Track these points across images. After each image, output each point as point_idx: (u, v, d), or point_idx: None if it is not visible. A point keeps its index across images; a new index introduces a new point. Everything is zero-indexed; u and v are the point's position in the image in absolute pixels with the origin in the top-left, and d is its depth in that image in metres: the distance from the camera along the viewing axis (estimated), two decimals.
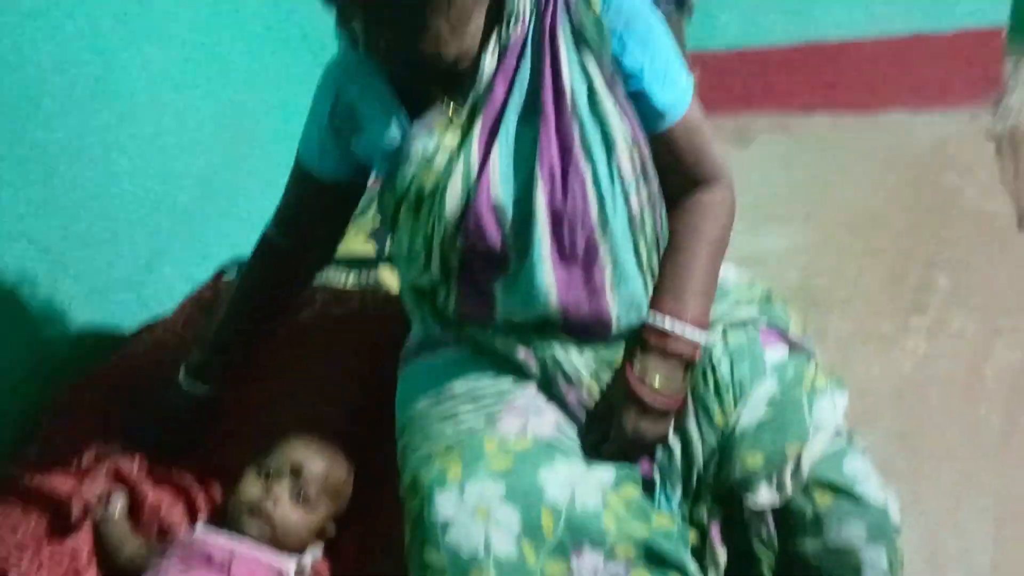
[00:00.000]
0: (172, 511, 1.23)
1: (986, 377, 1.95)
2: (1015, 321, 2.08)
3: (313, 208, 1.24)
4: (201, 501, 1.23)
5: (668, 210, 1.14)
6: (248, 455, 1.27)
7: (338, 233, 1.32)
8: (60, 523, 1.23)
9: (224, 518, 1.15)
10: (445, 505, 0.99)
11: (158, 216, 1.77)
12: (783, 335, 1.18)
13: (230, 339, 1.32)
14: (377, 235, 1.91)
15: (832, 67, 2.95)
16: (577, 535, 1.00)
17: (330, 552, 1.16)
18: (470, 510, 0.98)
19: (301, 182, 1.22)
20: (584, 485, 1.04)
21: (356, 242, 1.85)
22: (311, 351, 1.39)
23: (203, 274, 1.76)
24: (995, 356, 2.00)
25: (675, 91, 1.09)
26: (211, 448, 1.32)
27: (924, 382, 1.96)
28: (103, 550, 1.17)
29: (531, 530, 0.98)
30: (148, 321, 1.66)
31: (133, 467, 1.29)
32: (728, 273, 1.22)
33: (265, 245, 1.29)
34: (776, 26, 2.92)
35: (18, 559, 1.16)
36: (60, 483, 1.32)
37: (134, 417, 1.38)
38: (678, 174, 1.13)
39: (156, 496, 1.24)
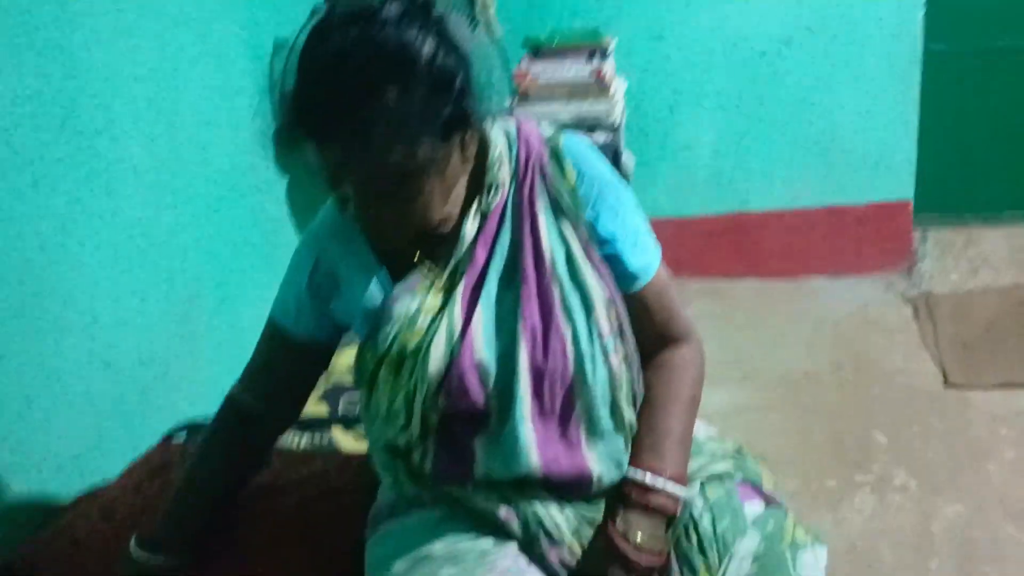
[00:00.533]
0: None
1: (934, 532, 1.99)
2: (954, 476, 2.15)
3: (285, 368, 1.23)
4: None
5: (642, 368, 1.17)
6: None
7: (306, 394, 1.30)
8: None
9: None
10: None
11: (103, 382, 1.72)
12: (757, 489, 1.19)
13: (192, 505, 1.25)
14: (329, 396, 1.90)
15: (757, 236, 3.13)
16: None
17: None
18: None
19: (274, 342, 1.21)
20: None
21: (308, 403, 1.82)
22: (274, 519, 1.33)
23: (147, 442, 1.69)
24: (940, 511, 2.05)
25: (646, 255, 1.15)
26: None
27: (874, 537, 1.99)
28: None
29: None
30: (85, 491, 1.58)
31: None
32: (699, 429, 1.24)
33: (232, 406, 1.25)
34: (705, 197, 3.11)
35: None
36: None
37: None
38: (650, 333, 1.17)
39: None
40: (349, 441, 1.74)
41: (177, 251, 1.96)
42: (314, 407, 1.84)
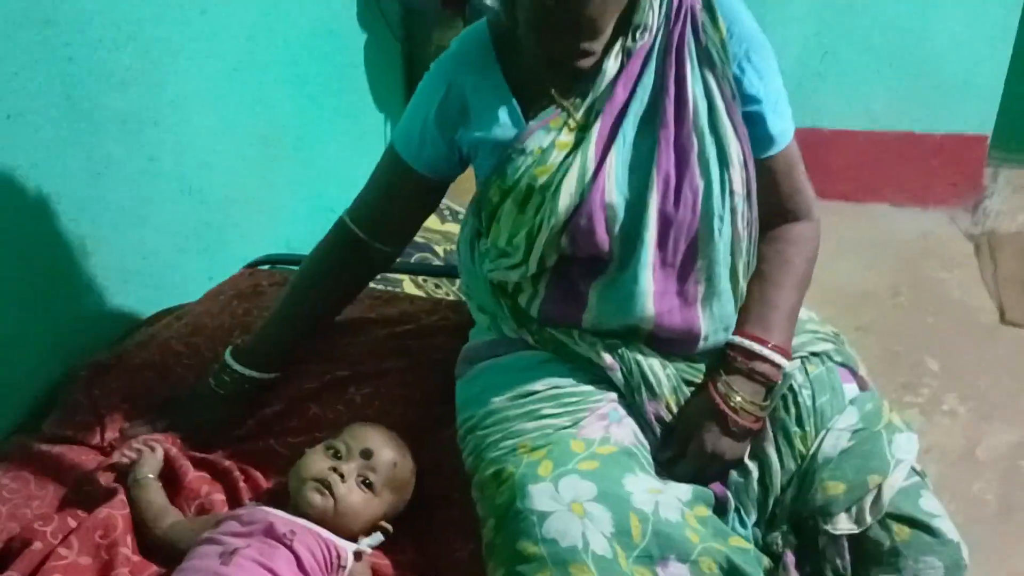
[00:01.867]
0: (212, 491, 1.16)
1: (979, 456, 2.01)
2: (1003, 406, 2.16)
3: (400, 200, 1.23)
4: (242, 485, 1.17)
5: (760, 239, 1.16)
6: (295, 442, 1.22)
7: (415, 229, 1.31)
8: (87, 494, 1.16)
9: (273, 503, 1.09)
10: (540, 498, 0.96)
11: (190, 204, 1.73)
12: (855, 373, 1.20)
13: (291, 324, 1.28)
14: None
15: (826, 155, 3.07)
16: (664, 546, 0.98)
17: (388, 548, 1.10)
18: (566, 505, 0.96)
19: (393, 171, 1.21)
20: (665, 497, 1.03)
21: None
22: (366, 344, 1.35)
23: (223, 271, 1.71)
24: (986, 438, 2.07)
25: (784, 121, 1.13)
26: (253, 434, 1.26)
27: (921, 457, 2.00)
28: (140, 520, 1.10)
29: (621, 533, 0.96)
30: (166, 308, 1.61)
31: (167, 445, 1.22)
32: (802, 311, 1.23)
33: (341, 231, 1.26)
34: None
35: (42, 531, 1.08)
36: (81, 456, 1.25)
37: (167, 397, 1.31)
38: (774, 203, 1.16)
39: (195, 475, 1.18)
40: (420, 295, 1.76)
41: (265, 92, 1.95)
42: None
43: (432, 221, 1.97)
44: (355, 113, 2.43)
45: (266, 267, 1.68)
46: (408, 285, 1.81)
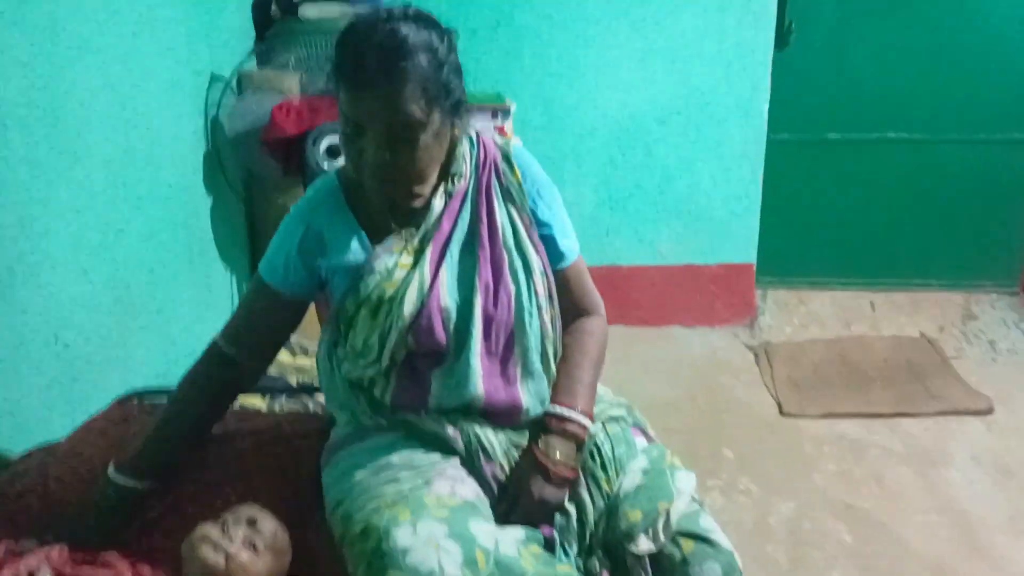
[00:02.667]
0: None
1: (771, 524, 2.37)
2: (787, 482, 2.56)
3: (267, 321, 1.45)
4: None
5: (562, 331, 1.48)
6: (176, 539, 1.37)
7: (278, 346, 1.52)
8: None
9: None
10: (402, 537, 1.18)
11: (55, 352, 1.86)
12: (644, 432, 1.51)
13: (170, 436, 1.44)
14: None
15: (626, 288, 3.55)
16: (504, 573, 1.21)
17: None
18: (423, 541, 1.18)
19: (260, 298, 1.44)
20: (503, 538, 1.27)
21: None
22: (233, 457, 1.53)
23: (85, 414, 1.83)
24: (776, 508, 2.43)
25: (571, 240, 1.48)
26: (136, 536, 1.40)
27: (724, 528, 2.31)
28: None
29: (469, 563, 1.18)
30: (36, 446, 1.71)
31: (55, 555, 1.33)
32: (600, 388, 1.55)
33: (214, 352, 1.46)
34: (583, 250, 3.50)
35: None
36: None
37: (52, 515, 1.42)
38: (569, 304, 1.49)
39: (89, 572, 1.29)
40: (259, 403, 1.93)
41: (121, 250, 2.15)
42: None
43: (285, 356, 2.19)
44: (204, 268, 2.63)
45: (135, 400, 1.82)
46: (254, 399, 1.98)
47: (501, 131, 2.91)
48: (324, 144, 2.58)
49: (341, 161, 2.38)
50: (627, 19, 3.29)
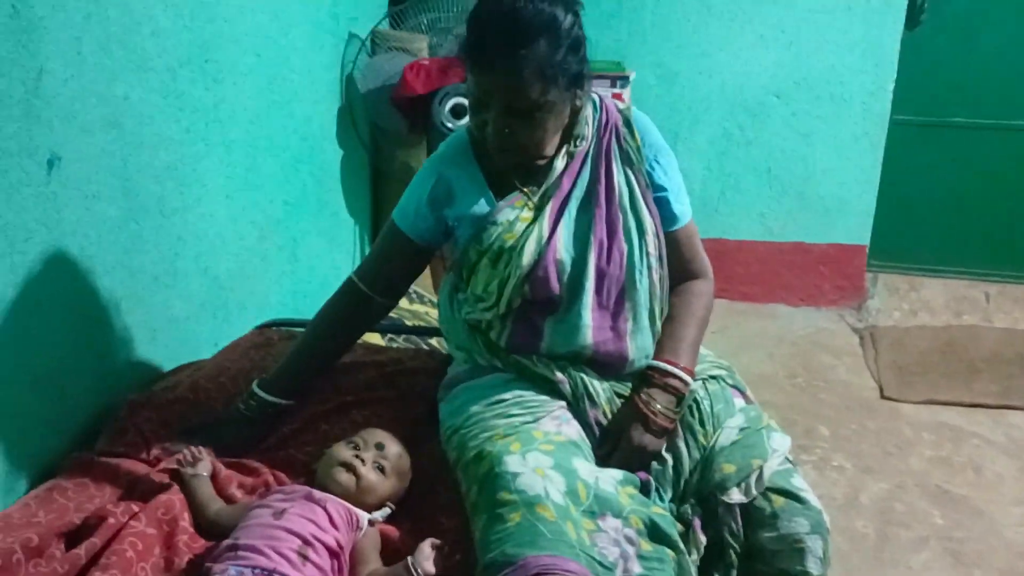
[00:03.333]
0: (244, 484, 1.46)
1: (861, 501, 2.40)
2: (881, 463, 2.57)
3: (397, 263, 1.59)
4: (270, 480, 1.47)
5: (670, 292, 1.56)
6: (309, 452, 1.53)
7: (406, 286, 1.66)
8: (142, 491, 1.42)
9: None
10: (513, 463, 1.30)
11: (204, 279, 2.06)
12: (742, 393, 1.59)
13: (308, 360, 1.61)
14: None
15: (732, 262, 3.57)
16: (602, 506, 1.31)
17: (390, 521, 1.41)
18: (531, 468, 1.29)
19: (392, 240, 1.58)
20: (603, 475, 1.37)
21: None
22: (361, 382, 1.69)
23: (226, 337, 2.03)
24: (867, 487, 2.46)
25: (684, 205, 1.56)
26: (274, 446, 1.57)
27: None
28: (193, 506, 1.38)
29: (572, 493, 1.29)
30: (185, 363, 1.91)
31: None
32: (703, 349, 1.62)
33: (349, 287, 1.61)
34: None
35: (113, 511, 1.35)
36: (132, 466, 1.52)
37: (199, 422, 1.61)
38: (678, 266, 1.57)
39: (228, 473, 1.47)
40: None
41: (262, 194, 2.34)
42: None
43: (402, 302, 2.34)
44: (331, 215, 2.82)
45: (273, 328, 2.00)
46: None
47: (619, 98, 2.96)
48: (449, 104, 2.71)
49: (465, 120, 2.50)
50: None
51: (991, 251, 3.57)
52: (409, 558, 1.25)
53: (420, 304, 2.47)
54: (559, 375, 1.48)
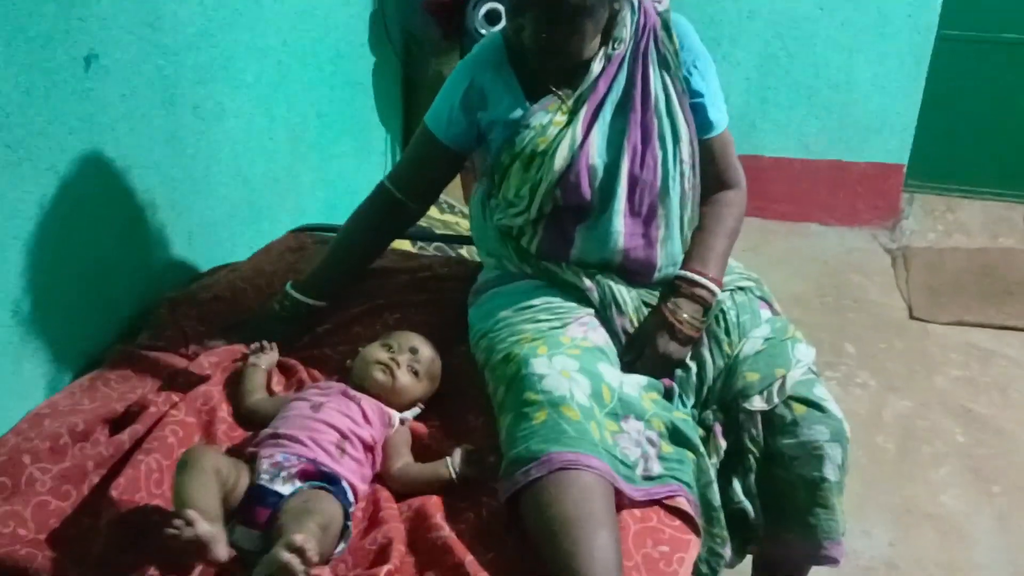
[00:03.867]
0: (281, 379, 1.51)
1: (884, 418, 2.42)
2: (907, 381, 2.59)
3: (429, 166, 1.60)
4: (305, 377, 1.52)
5: (701, 201, 1.56)
6: (342, 352, 1.57)
7: (437, 192, 1.67)
8: (182, 382, 1.48)
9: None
10: (539, 366, 1.33)
11: (238, 184, 2.09)
12: (769, 305, 1.59)
13: (342, 261, 1.64)
14: None
15: (766, 179, 3.53)
16: (626, 408, 1.34)
17: (422, 419, 1.46)
18: (557, 371, 1.32)
19: (425, 145, 1.58)
20: (628, 380, 1.40)
21: None
22: (392, 286, 1.72)
23: (260, 241, 2.06)
24: (890, 404, 2.48)
25: (721, 113, 1.53)
26: (307, 346, 1.61)
27: None
28: (237, 393, 1.43)
29: (596, 395, 1.32)
30: (221, 264, 1.95)
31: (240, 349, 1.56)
32: (732, 260, 1.63)
33: (381, 191, 1.63)
34: None
35: (154, 400, 1.41)
36: (172, 359, 1.58)
37: (236, 320, 1.65)
38: (711, 174, 1.56)
39: (268, 369, 1.52)
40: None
41: (294, 101, 2.34)
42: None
43: (433, 210, 2.36)
44: (362, 123, 2.82)
45: (307, 233, 2.03)
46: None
47: (658, 1, 2.89)
48: (484, 9, 2.66)
49: (500, 26, 2.46)
50: None
51: None
52: (448, 458, 1.30)
53: (451, 214, 2.48)
54: (588, 283, 1.50)
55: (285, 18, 2.22)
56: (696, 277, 1.50)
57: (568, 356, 1.36)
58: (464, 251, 2.23)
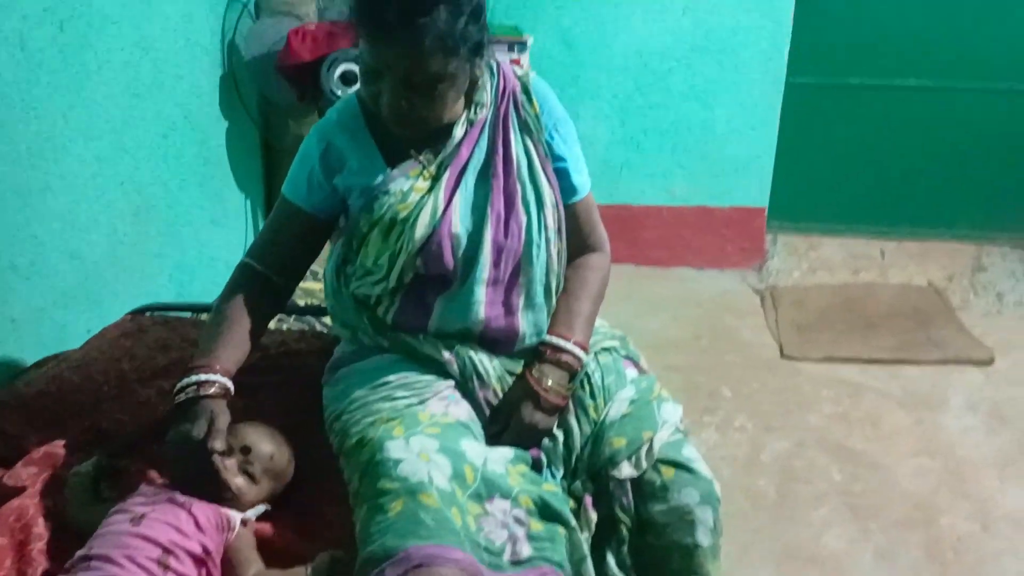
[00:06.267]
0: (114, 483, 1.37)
1: (763, 460, 2.43)
2: (782, 421, 2.61)
3: (291, 237, 1.47)
4: (142, 480, 1.38)
5: (567, 265, 1.52)
6: None
7: (306, 265, 1.53)
8: None
9: None
10: (395, 449, 1.24)
11: (71, 265, 1.93)
12: (635, 363, 1.56)
13: (233, 335, 1.40)
14: None
15: (638, 227, 3.57)
16: (490, 488, 1.27)
17: (271, 516, 1.34)
18: (415, 454, 1.24)
19: (287, 216, 1.47)
20: (492, 456, 1.33)
21: None
22: (243, 367, 1.59)
23: (98, 325, 1.90)
24: (768, 445, 2.50)
25: (583, 177, 1.51)
26: (148, 442, 1.47)
27: (716, 461, 2.39)
28: (68, 503, 1.28)
29: (458, 476, 1.25)
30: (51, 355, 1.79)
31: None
32: (597, 319, 1.59)
33: (245, 271, 1.48)
34: (595, 188, 3.51)
35: None
36: None
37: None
38: (576, 238, 1.52)
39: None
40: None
41: (138, 170, 2.20)
42: None
43: None
44: (217, 190, 2.68)
45: (146, 314, 1.89)
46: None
47: (516, 63, 2.90)
48: (339, 70, 2.60)
49: (356, 87, 2.39)
50: None
51: (885, 209, 3.66)
52: (309, 565, 1.19)
53: (314, 281, 2.37)
54: (447, 354, 1.43)
55: (120, 82, 2.09)
56: (561, 342, 1.45)
57: (427, 435, 1.28)
58: (329, 321, 2.13)
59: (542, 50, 3.30)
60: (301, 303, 2.22)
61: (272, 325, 1.88)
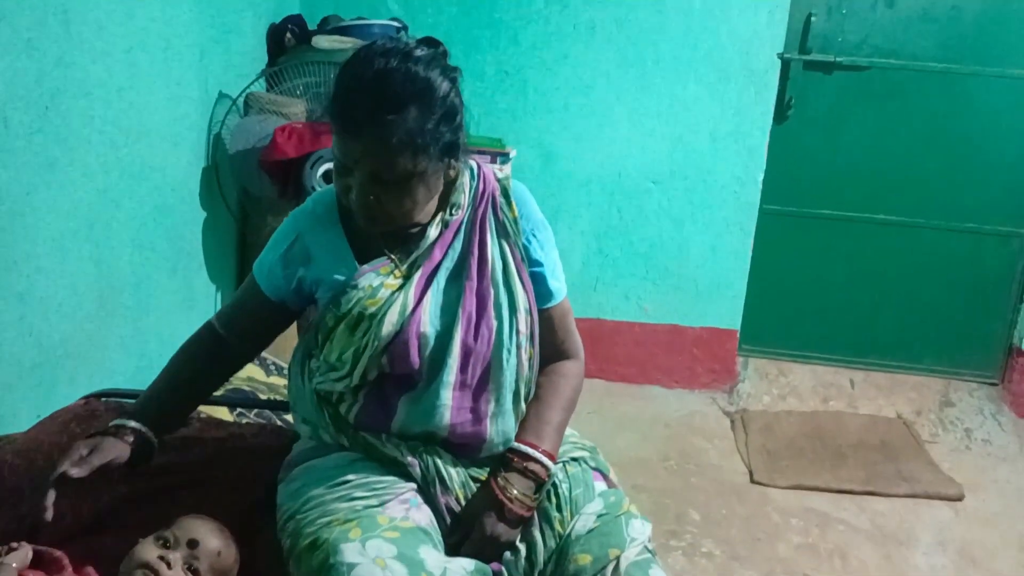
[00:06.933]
0: None
1: None
2: (750, 550, 2.54)
3: (254, 313, 1.47)
4: None
5: (539, 371, 1.49)
6: (128, 540, 1.35)
7: (265, 342, 1.53)
8: None
9: None
10: (350, 553, 1.18)
11: (26, 344, 1.87)
12: (604, 476, 1.51)
13: (170, 398, 1.45)
14: None
15: (609, 343, 3.56)
16: None
17: None
18: (371, 559, 1.17)
19: (250, 290, 1.47)
20: (451, 567, 1.26)
21: None
22: (195, 459, 1.53)
23: (49, 410, 1.83)
24: (736, 574, 2.41)
25: (560, 282, 1.49)
26: (86, 532, 1.38)
27: None
28: None
29: None
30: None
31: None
32: (567, 428, 1.55)
33: (209, 330, 1.49)
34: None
35: None
36: None
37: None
38: (550, 345, 1.49)
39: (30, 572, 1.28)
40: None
41: (107, 255, 2.16)
42: None
43: (258, 373, 2.19)
44: (188, 279, 2.65)
45: (101, 399, 1.81)
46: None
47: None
48: (321, 169, 2.62)
49: None
50: (631, 81, 3.36)
51: (856, 339, 3.68)
52: None
53: (278, 376, 2.31)
54: (409, 457, 1.38)
55: (101, 166, 2.08)
56: (529, 450, 1.41)
57: (385, 540, 1.22)
58: (291, 418, 2.06)
59: (524, 164, 3.36)
60: (264, 397, 2.16)
61: (231, 418, 1.84)
